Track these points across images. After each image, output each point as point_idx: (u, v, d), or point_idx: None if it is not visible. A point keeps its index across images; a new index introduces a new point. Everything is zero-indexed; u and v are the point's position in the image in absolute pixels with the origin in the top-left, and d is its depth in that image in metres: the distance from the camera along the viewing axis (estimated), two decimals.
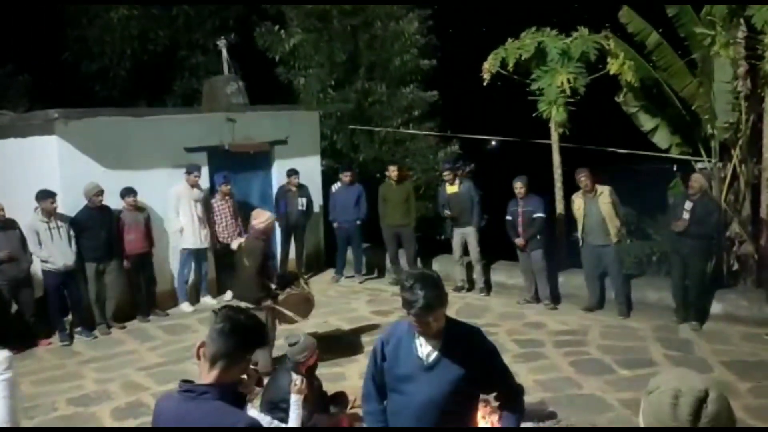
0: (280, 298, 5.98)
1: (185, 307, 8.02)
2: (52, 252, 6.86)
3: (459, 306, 7.97)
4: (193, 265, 8.14)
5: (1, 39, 10.76)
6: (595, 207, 7.34)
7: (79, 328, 7.19)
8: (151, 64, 11.89)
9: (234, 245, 6.74)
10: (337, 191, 9.14)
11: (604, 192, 7.39)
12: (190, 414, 2.00)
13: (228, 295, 8.46)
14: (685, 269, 6.97)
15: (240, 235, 8.00)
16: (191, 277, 8.21)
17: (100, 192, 7.13)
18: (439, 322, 2.53)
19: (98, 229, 7.11)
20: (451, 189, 8.44)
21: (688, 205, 6.86)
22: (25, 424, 5.01)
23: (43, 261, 6.90)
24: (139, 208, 7.56)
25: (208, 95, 9.07)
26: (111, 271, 7.33)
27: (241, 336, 2.07)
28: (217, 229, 8.25)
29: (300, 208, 8.95)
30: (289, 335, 4.84)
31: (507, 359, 6.31)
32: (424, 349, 2.60)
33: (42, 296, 7.11)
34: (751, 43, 7.50)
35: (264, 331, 2.27)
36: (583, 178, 7.41)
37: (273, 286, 5.97)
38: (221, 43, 9.15)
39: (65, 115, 7.19)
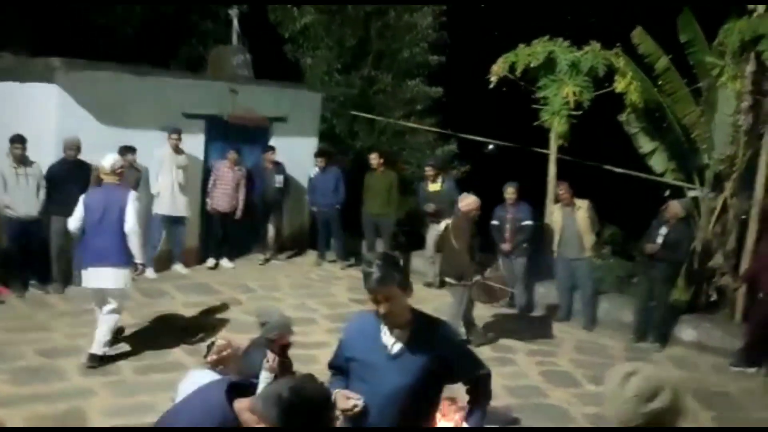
0: (487, 275, 6.47)
1: (149, 272, 7.61)
2: (15, 199, 6.73)
3: (437, 304, 7.99)
4: (164, 232, 8.03)
5: None
6: (572, 220, 7.44)
7: (33, 281, 7.04)
8: (160, 26, 11.76)
9: (442, 226, 6.84)
10: (315, 176, 9.10)
11: (583, 206, 7.47)
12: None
13: (210, 262, 8.48)
14: (651, 291, 7.11)
15: (238, 204, 8.28)
16: (161, 245, 8.08)
17: (76, 147, 6.93)
18: (393, 304, 2.50)
19: (71, 183, 6.65)
20: (433, 187, 8.52)
21: (663, 230, 6.99)
22: None
23: (5, 207, 6.75)
24: (135, 168, 7.47)
25: (214, 63, 9.02)
26: None
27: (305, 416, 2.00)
28: (214, 194, 8.26)
29: (277, 185, 8.83)
30: (260, 314, 4.84)
31: None
32: (389, 338, 2.60)
33: None
34: (758, 78, 7.54)
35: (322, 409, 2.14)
36: (562, 190, 7.52)
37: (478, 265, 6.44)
38: (233, 12, 9.09)
39: (67, 64, 7.11)
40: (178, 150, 7.89)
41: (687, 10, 8.47)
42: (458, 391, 2.90)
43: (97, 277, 5.40)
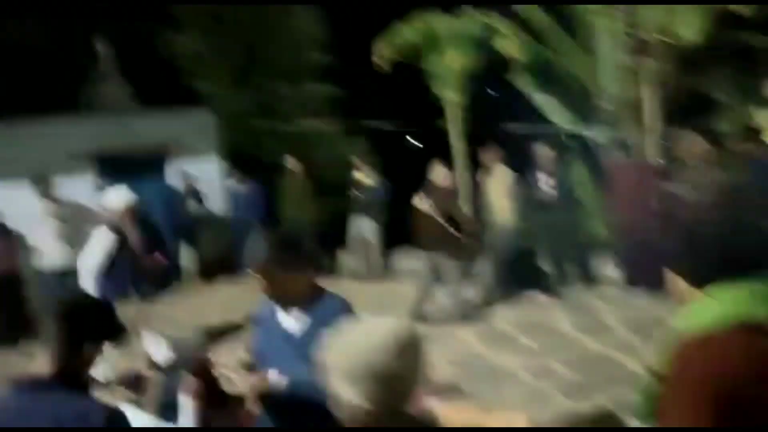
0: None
1: None
2: None
3: (371, 294, 7.86)
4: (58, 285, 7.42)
5: None
6: (489, 185, 7.49)
7: None
8: (30, 73, 11.14)
9: (419, 203, 6.62)
10: (234, 192, 8.95)
11: (502, 173, 7.47)
12: (34, 408, 1.80)
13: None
14: (555, 238, 7.22)
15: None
16: None
17: None
18: (278, 284, 2.39)
19: None
20: (362, 177, 8.47)
21: (547, 177, 7.11)
22: None
23: None
24: None
25: (92, 98, 8.60)
26: None
27: (79, 321, 1.92)
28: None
29: (195, 212, 8.64)
30: (171, 335, 4.59)
31: None
32: (291, 322, 2.49)
33: None
34: (631, 14, 7.74)
35: (111, 322, 2.05)
36: (483, 155, 7.52)
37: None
38: (103, 44, 8.69)
39: None
40: (50, 198, 7.35)
41: None
42: None
43: None
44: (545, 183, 7.06)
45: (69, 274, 7.39)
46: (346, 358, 1.43)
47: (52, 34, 11.04)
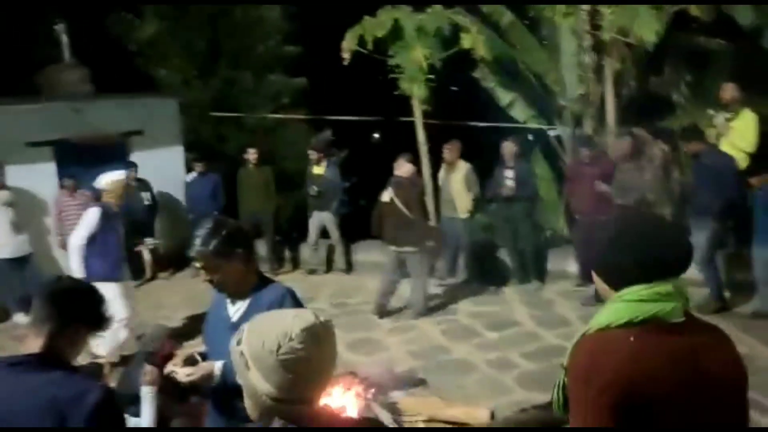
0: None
1: (19, 318, 6.83)
2: None
3: (334, 288, 7.90)
4: (14, 276, 7.09)
5: None
6: (449, 181, 7.52)
7: None
8: None
9: (385, 198, 6.54)
10: (191, 182, 8.71)
11: (461, 167, 7.54)
12: (22, 386, 1.81)
13: None
14: (516, 232, 7.32)
15: None
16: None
17: None
18: (220, 274, 2.42)
19: None
20: (317, 170, 8.40)
21: (508, 172, 7.19)
22: None
23: None
24: None
25: (48, 84, 8.35)
26: None
27: (67, 302, 1.96)
28: (64, 227, 7.49)
29: (146, 203, 8.36)
30: (133, 327, 4.56)
31: (380, 334, 6.40)
32: (232, 306, 2.53)
33: None
34: (594, 17, 7.91)
35: (98, 307, 2.06)
36: (445, 150, 7.58)
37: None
38: (59, 27, 8.45)
39: None
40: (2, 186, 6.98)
41: None
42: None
43: None
44: (507, 178, 7.17)
45: (22, 261, 7.24)
46: (254, 344, 1.48)
47: (10, 18, 10.71)
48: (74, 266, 5.35)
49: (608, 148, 7.36)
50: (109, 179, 5.65)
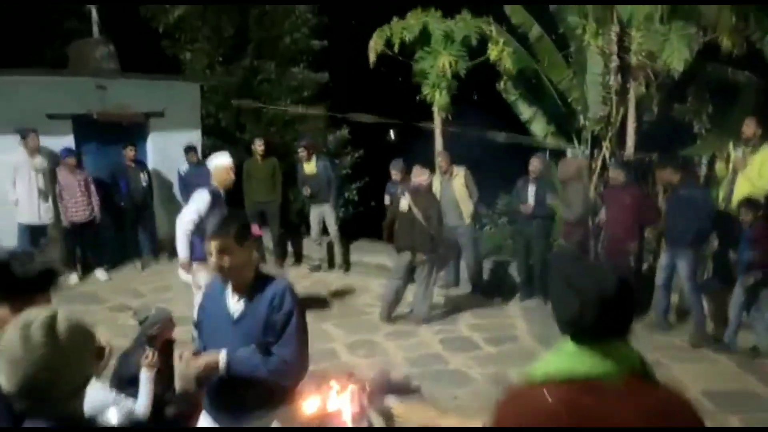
0: None
1: None
2: None
3: (337, 286, 7.92)
4: (27, 242, 7.35)
5: None
6: (450, 188, 7.50)
7: None
8: (17, 28, 10.92)
9: (403, 205, 6.54)
10: (186, 173, 8.63)
11: (459, 173, 7.54)
12: None
13: (73, 278, 7.85)
14: (528, 249, 7.29)
15: (93, 210, 7.64)
16: None
17: None
18: (232, 259, 2.49)
19: None
20: (308, 168, 8.41)
21: (531, 189, 7.19)
22: None
23: None
24: None
25: (75, 59, 8.43)
26: None
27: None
28: (66, 204, 7.53)
29: (143, 184, 8.37)
30: (137, 311, 4.59)
31: (380, 337, 6.40)
32: (233, 301, 2.58)
33: None
34: (621, 37, 7.87)
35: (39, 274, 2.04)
36: (439, 159, 7.60)
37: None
38: (91, 5, 8.52)
39: None
40: (34, 152, 7.26)
41: None
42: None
43: None
44: (529, 195, 7.15)
45: (39, 229, 7.35)
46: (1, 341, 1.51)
47: None
48: (180, 246, 5.33)
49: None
50: (218, 162, 5.60)
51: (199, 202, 5.33)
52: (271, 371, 2.54)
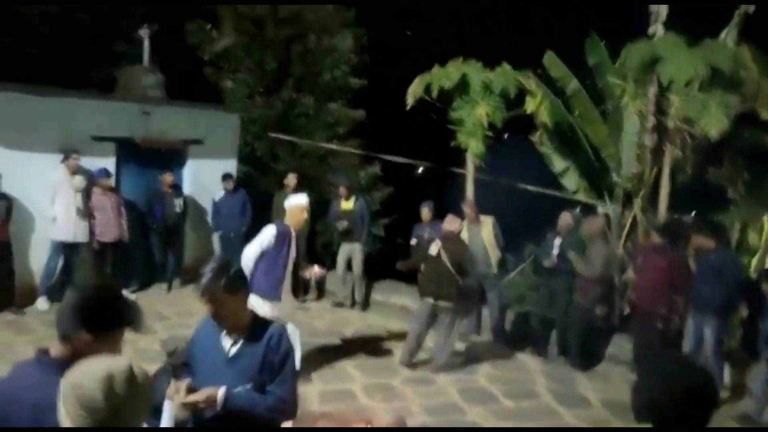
0: None
1: (41, 303, 7.38)
2: None
3: (358, 325, 7.95)
4: (61, 260, 7.55)
5: None
6: (478, 237, 7.52)
7: None
8: (69, 48, 11.33)
9: (433, 250, 6.55)
10: (220, 200, 8.89)
11: (487, 222, 7.59)
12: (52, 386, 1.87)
13: None
14: (551, 303, 7.28)
15: (123, 231, 7.87)
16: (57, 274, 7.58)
17: None
18: (223, 309, 2.58)
19: None
20: (346, 205, 8.54)
21: (557, 241, 7.22)
22: None
23: None
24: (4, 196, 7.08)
25: (124, 84, 8.73)
26: None
27: (88, 314, 2.05)
28: (96, 223, 7.70)
29: (177, 210, 8.55)
30: (166, 342, 4.65)
31: (398, 381, 6.38)
32: (228, 341, 2.66)
33: None
34: (659, 99, 7.91)
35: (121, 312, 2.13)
36: (467, 208, 7.61)
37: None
38: (144, 32, 8.83)
39: None
40: (75, 172, 7.47)
41: (594, 34, 8.85)
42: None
43: None
44: (555, 247, 7.16)
45: (75, 248, 7.53)
46: (66, 386, 1.62)
47: (96, 12, 11.22)
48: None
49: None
50: (294, 201, 5.74)
51: (263, 237, 5.45)
52: (269, 409, 2.62)
